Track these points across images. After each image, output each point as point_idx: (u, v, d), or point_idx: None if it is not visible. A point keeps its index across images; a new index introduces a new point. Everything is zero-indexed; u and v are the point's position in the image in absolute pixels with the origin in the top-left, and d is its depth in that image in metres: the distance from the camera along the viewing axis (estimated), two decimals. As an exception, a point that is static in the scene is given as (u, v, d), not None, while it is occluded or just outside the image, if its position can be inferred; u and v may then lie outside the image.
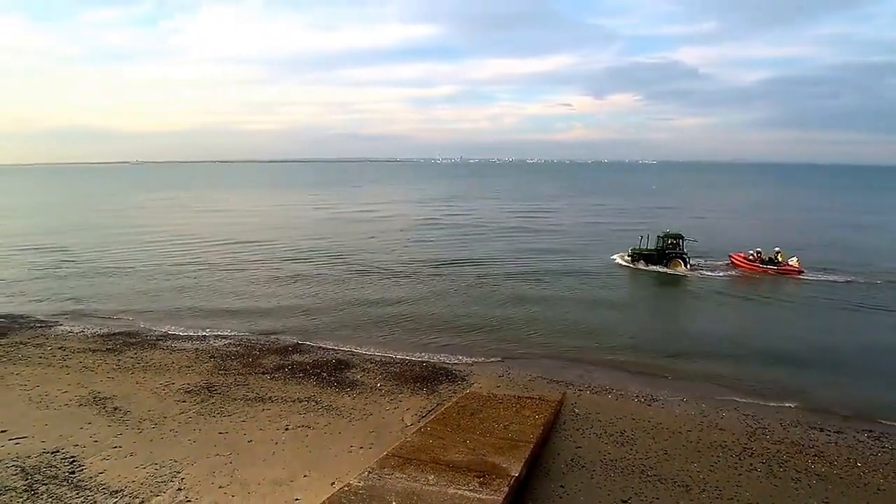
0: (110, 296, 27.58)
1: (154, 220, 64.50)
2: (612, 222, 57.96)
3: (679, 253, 33.58)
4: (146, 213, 74.03)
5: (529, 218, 62.09)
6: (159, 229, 54.00)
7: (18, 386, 14.87)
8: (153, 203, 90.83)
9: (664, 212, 67.36)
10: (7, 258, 39.04)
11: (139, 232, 52.19)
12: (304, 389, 15.16)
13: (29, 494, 9.52)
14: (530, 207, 75.15)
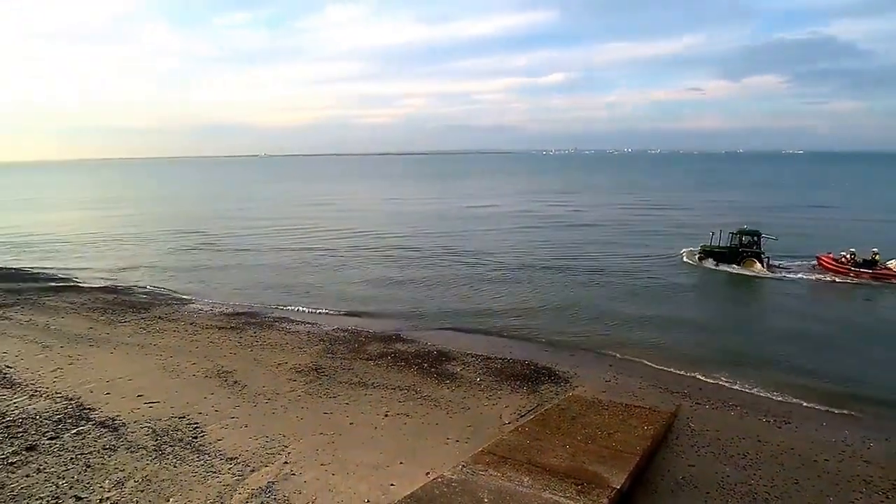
0: (237, 278, 30.63)
1: (279, 209, 70.49)
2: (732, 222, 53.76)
3: (755, 251, 30.86)
4: (273, 202, 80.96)
5: (636, 213, 59.34)
6: (283, 218, 59.02)
7: (155, 355, 16.92)
8: (279, 193, 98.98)
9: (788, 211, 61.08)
10: (154, 240, 45.10)
11: (266, 220, 57.64)
12: (404, 378, 15.75)
13: (157, 454, 10.83)
14: (634, 202, 71.66)
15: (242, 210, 69.92)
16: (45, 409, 12.70)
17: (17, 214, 68.92)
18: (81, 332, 19.12)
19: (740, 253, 31.46)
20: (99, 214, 66.53)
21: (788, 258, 32.65)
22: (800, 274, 29.90)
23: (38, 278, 29.88)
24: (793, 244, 35.27)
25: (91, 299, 24.40)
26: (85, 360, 16.29)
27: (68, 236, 47.05)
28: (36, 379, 14.62)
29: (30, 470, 10.07)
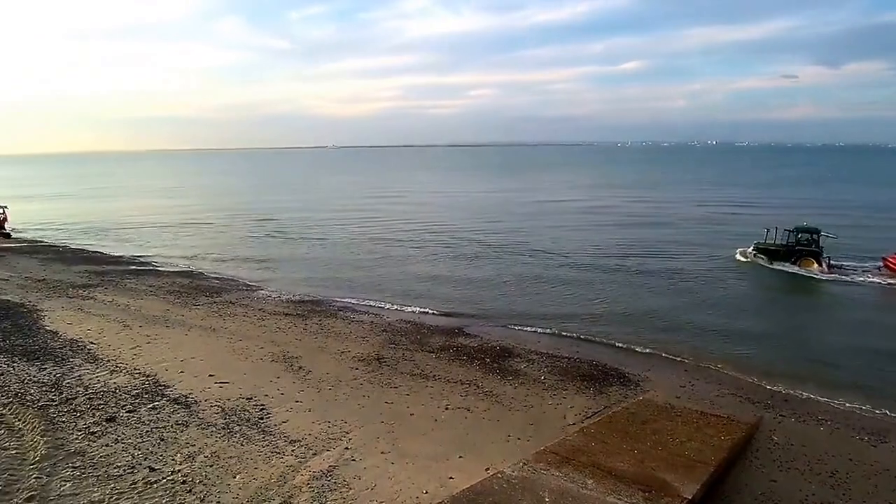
0: (304, 267, 31.82)
1: (347, 199, 72.63)
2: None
3: (813, 250, 29.17)
4: (341, 192, 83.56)
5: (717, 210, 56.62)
6: (351, 208, 60.80)
7: (225, 338, 17.74)
8: (348, 184, 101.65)
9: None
10: (227, 228, 47.60)
11: (334, 210, 59.89)
12: (466, 372, 15.79)
13: (226, 432, 11.36)
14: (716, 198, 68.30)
15: (312, 200, 72.58)
16: (125, 384, 13.59)
17: (97, 202, 74.44)
18: (158, 313, 20.32)
19: (797, 251, 29.94)
20: (175, 203, 70.65)
21: (856, 258, 30.85)
22: (865, 276, 28.10)
23: (119, 261, 32.09)
24: (862, 244, 33.63)
25: (168, 283, 25.90)
26: (161, 339, 17.30)
27: (147, 223, 50.35)
28: (117, 355, 15.66)
29: (109, 440, 10.80)
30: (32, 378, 13.75)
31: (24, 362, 14.84)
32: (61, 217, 53.86)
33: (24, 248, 35.20)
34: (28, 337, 16.95)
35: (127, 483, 9.35)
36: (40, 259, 31.10)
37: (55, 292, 22.87)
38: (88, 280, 25.58)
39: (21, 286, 23.72)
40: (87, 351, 15.90)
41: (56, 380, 13.69)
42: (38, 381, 13.53)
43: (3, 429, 11.05)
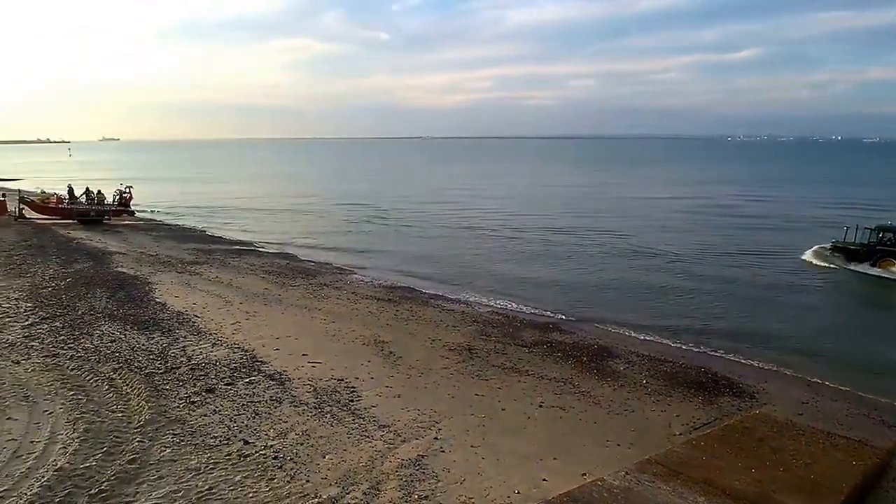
0: (398, 253, 32.21)
1: (443, 188, 73.22)
2: None
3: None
4: (437, 181, 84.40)
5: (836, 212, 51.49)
6: (447, 198, 60.98)
7: (319, 319, 18.14)
8: (444, 174, 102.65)
9: None
10: (326, 212, 49.46)
11: (430, 198, 60.48)
12: (561, 369, 15.17)
13: (317, 412, 11.49)
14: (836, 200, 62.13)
15: (407, 189, 73.83)
16: (224, 358, 14.15)
17: (207, 185, 79.55)
18: (258, 291, 21.17)
19: (877, 251, 27.17)
20: (276, 188, 74.26)
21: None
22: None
23: (224, 241, 33.98)
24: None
25: (267, 263, 27.03)
26: (259, 317, 17.96)
27: (250, 206, 53.01)
28: (218, 329, 16.39)
29: (207, 410, 11.22)
30: (141, 346, 14.65)
31: (135, 331, 15.85)
32: (176, 198, 57.97)
33: (141, 226, 38.08)
34: (139, 307, 18.14)
35: (222, 454, 9.62)
36: (154, 236, 33.55)
37: (165, 267, 24.45)
38: (196, 257, 27.17)
39: (136, 260, 25.58)
40: (192, 324, 16.77)
41: (162, 349, 14.50)
42: (147, 350, 14.39)
43: (113, 393, 11.76)
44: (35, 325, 15.94)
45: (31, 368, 12.86)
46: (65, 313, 17.09)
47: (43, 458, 9.12)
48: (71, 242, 29.20)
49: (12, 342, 14.48)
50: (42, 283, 20.39)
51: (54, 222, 36.06)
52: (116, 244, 29.70)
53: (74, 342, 14.69)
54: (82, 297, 18.86)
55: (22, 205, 36.57)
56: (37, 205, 37.43)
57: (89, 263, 24.12)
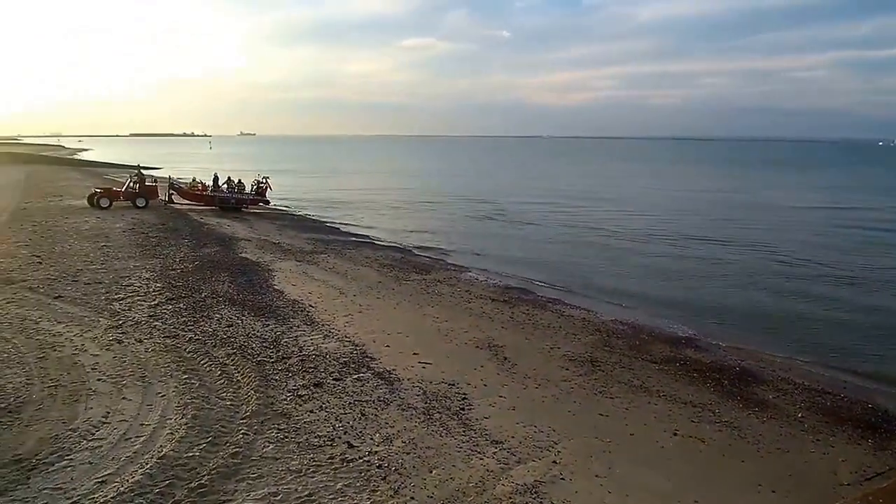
0: (516, 251, 31.17)
1: (565, 186, 71.10)
2: None
3: None
4: (559, 180, 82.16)
5: None
6: (569, 196, 58.85)
7: (432, 317, 17.48)
8: (566, 172, 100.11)
9: None
10: (443, 208, 49.49)
11: (551, 196, 58.39)
12: (697, 393, 13.40)
13: (425, 417, 10.72)
14: None
15: (529, 187, 71.99)
16: (334, 351, 13.83)
17: (331, 178, 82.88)
18: (372, 284, 20.99)
19: None
20: (396, 183, 75.89)
21: None
22: None
23: (342, 233, 34.75)
24: None
25: (383, 256, 27.04)
26: (372, 310, 17.64)
27: (371, 200, 54.37)
28: (331, 321, 16.21)
29: (314, 406, 10.81)
30: (256, 333, 14.71)
31: (252, 317, 16.04)
32: (300, 189, 60.69)
33: (267, 215, 40.00)
34: (258, 294, 18.47)
35: (325, 456, 9.08)
36: (278, 225, 34.97)
37: (286, 255, 25.08)
38: (314, 247, 27.76)
39: (259, 247, 26.51)
40: (306, 313, 16.74)
41: (276, 337, 14.46)
42: (261, 337, 14.41)
43: (224, 379, 11.72)
44: (161, 305, 16.62)
45: (152, 348, 13.23)
46: (189, 295, 17.74)
47: (150, 442, 9.05)
48: (203, 227, 30.98)
49: (138, 321, 15.10)
50: (172, 265, 21.50)
51: (197, 208, 39.06)
52: (243, 231, 31.13)
53: (194, 324, 15.07)
54: (207, 281, 19.58)
55: (171, 191, 39.72)
56: (185, 191, 40.58)
57: (217, 248, 25.29)
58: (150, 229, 29.02)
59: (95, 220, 31.11)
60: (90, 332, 14.18)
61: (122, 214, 33.61)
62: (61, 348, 13.03)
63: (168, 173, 60.39)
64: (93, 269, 20.34)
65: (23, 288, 17.78)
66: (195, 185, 41.59)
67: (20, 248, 23.51)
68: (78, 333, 14.00)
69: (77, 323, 14.77)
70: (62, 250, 23.27)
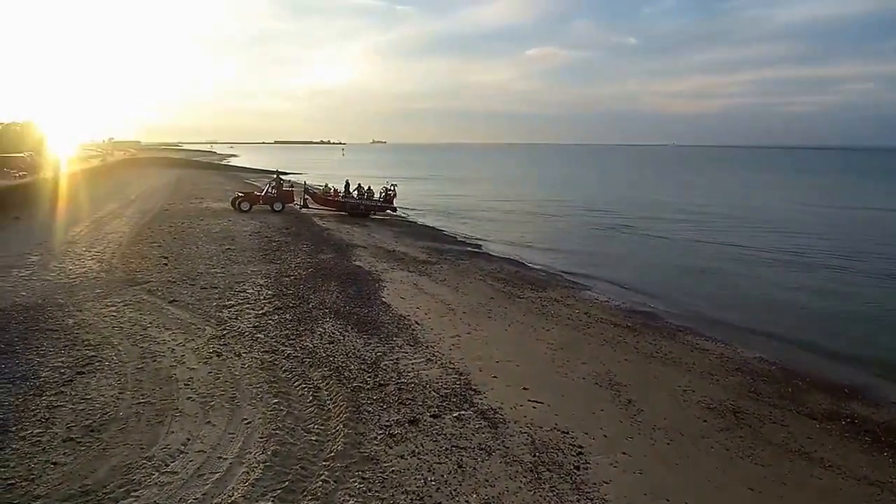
0: (640, 268, 28.22)
1: (697, 198, 64.65)
2: None
3: None
4: (690, 191, 75.27)
5: None
6: (700, 209, 53.18)
7: (546, 343, 15.48)
8: (697, 183, 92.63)
9: None
10: (562, 218, 46.91)
11: (681, 209, 53.13)
12: (873, 465, 10.44)
13: (533, 477, 8.87)
14: None
15: (657, 198, 65.89)
16: (436, 379, 12.33)
17: (450, 185, 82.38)
18: (483, 300, 19.33)
19: None
20: (515, 191, 74.00)
21: None
22: None
23: (457, 241, 33.48)
24: None
25: (496, 269, 25.31)
26: (480, 331, 15.98)
27: (488, 208, 52.91)
28: (436, 342, 14.77)
29: (406, 450, 9.33)
30: (357, 352, 13.60)
31: (355, 332, 15.01)
32: (423, 196, 60.16)
33: (387, 221, 39.87)
34: (365, 306, 17.49)
35: (411, 522, 7.57)
36: (395, 232, 34.46)
37: (399, 264, 24.16)
38: (428, 256, 26.68)
39: (374, 255, 25.86)
40: (411, 332, 15.43)
41: (376, 358, 13.25)
42: (360, 357, 13.26)
43: (315, 407, 10.60)
44: (267, 314, 16.09)
45: (248, 364, 12.49)
46: (297, 305, 17.13)
47: (222, 483, 8.00)
48: (323, 233, 31.10)
49: (241, 331, 14.57)
50: (287, 271, 21.23)
51: (328, 212, 40.19)
52: (361, 237, 30.86)
53: (296, 338, 14.27)
54: (317, 290, 18.98)
55: (306, 196, 41.13)
56: (318, 196, 41.93)
57: (332, 255, 24.93)
58: (275, 233, 29.49)
59: (226, 223, 32.29)
60: (193, 341, 13.81)
61: (254, 218, 34.78)
62: (161, 359, 12.67)
63: (303, 179, 62.93)
64: (212, 273, 20.53)
65: (144, 290, 18.13)
66: (327, 191, 42.74)
67: (153, 249, 24.54)
68: (181, 343, 13.67)
69: (183, 331, 14.52)
70: (189, 252, 23.96)
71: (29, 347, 13.29)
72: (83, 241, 26.11)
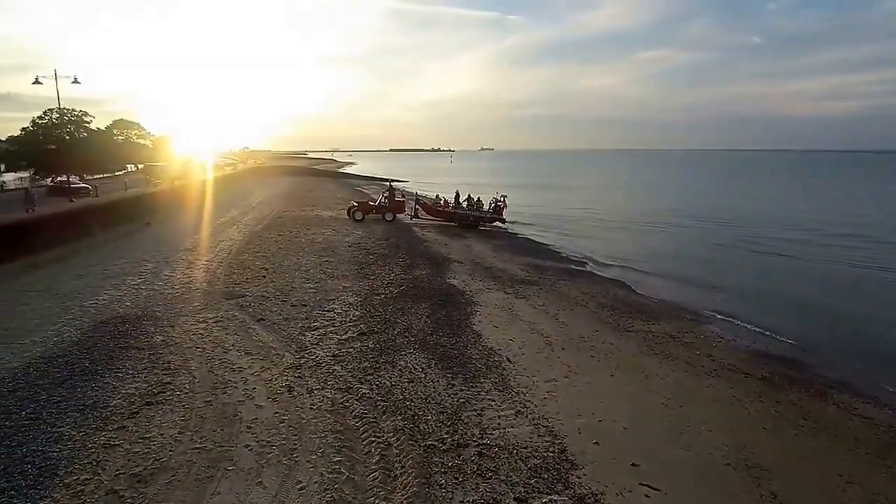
0: (776, 299, 23.16)
1: (834, 212, 53.93)
2: None
3: None
4: (830, 204, 63.32)
5: None
6: (848, 226, 44.01)
7: (661, 397, 12.55)
8: (840, 194, 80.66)
9: None
10: (683, 232, 41.47)
11: (820, 225, 44.46)
12: None
13: None
14: None
15: (785, 209, 56.67)
16: (525, 442, 10.03)
17: (555, 193, 77.95)
18: (585, 333, 16.60)
19: None
20: (625, 200, 68.11)
21: None
22: None
23: (558, 257, 30.35)
24: None
25: (601, 292, 22.22)
26: (581, 375, 13.40)
27: (596, 219, 48.64)
28: (528, 387, 12.45)
29: (480, 553, 7.20)
30: (437, 396, 11.62)
31: (439, 369, 13.06)
32: (527, 205, 54.52)
33: (488, 233, 37.56)
34: (454, 335, 15.48)
35: None
36: (494, 245, 32.13)
37: (495, 283, 21.96)
38: (527, 275, 24.23)
39: (470, 272, 23.85)
40: (501, 371, 13.20)
41: (457, 407, 11.19)
42: (440, 404, 11.25)
43: (379, 472, 8.73)
44: (350, 340, 14.58)
45: (318, 405, 10.91)
46: (382, 330, 15.49)
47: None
48: (421, 245, 29.57)
49: (319, 361, 13.11)
50: (378, 289, 19.79)
51: (434, 222, 39.30)
52: (459, 251, 29.00)
53: (374, 373, 12.58)
54: (405, 312, 17.28)
55: (417, 206, 40.27)
56: (428, 206, 40.99)
57: (427, 271, 23.21)
58: (374, 245, 28.42)
59: (330, 233, 31.78)
60: (269, 370, 12.53)
61: (357, 227, 34.23)
62: (232, 390, 11.45)
63: (406, 186, 62.36)
64: (305, 289, 19.52)
65: (237, 305, 17.38)
66: (438, 202, 41.70)
67: (257, 259, 24.18)
68: (256, 372, 12.43)
69: (262, 357, 13.32)
70: (289, 264, 23.29)
71: (111, 368, 12.67)
72: (198, 249, 26.43)
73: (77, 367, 12.70)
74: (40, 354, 13.51)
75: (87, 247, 26.95)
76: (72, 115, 68.62)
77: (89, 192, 41.04)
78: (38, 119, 64.69)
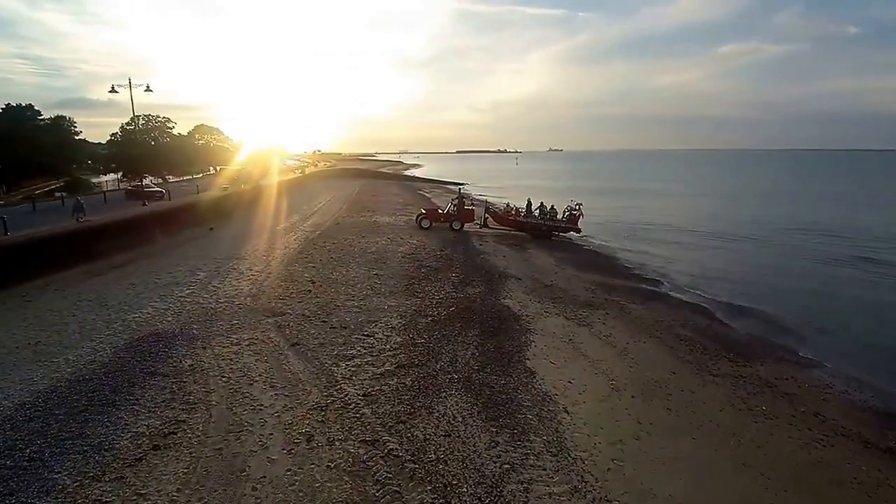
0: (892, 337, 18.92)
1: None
2: None
3: None
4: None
5: None
6: None
7: (758, 473, 9.92)
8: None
9: None
10: (778, 246, 36.11)
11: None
12: None
13: None
14: None
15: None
16: (582, 534, 7.92)
17: (625, 198, 70.19)
18: (660, 376, 14.00)
19: None
20: (705, 205, 61.20)
21: None
22: None
23: (629, 275, 27.02)
24: None
25: (679, 320, 19.29)
26: (655, 436, 10.97)
27: (670, 226, 43.96)
28: (589, 451, 10.21)
29: None
30: (477, 459, 9.63)
31: (482, 419, 11.07)
32: (596, 212, 47.79)
33: (551, 244, 34.49)
34: (504, 373, 13.40)
35: None
36: (557, 258, 29.43)
37: (555, 306, 19.62)
38: (593, 296, 21.66)
39: (528, 291, 21.58)
40: (556, 426, 11.02)
41: (499, 477, 9.16)
42: (479, 471, 9.25)
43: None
44: (386, 375, 12.84)
45: (337, 462, 9.27)
46: (423, 363, 13.66)
47: None
48: (477, 257, 27.43)
49: (348, 401, 11.46)
50: (426, 310, 17.97)
51: (502, 231, 37.49)
52: (517, 265, 26.69)
53: (407, 421, 10.78)
54: (452, 340, 15.35)
55: (486, 214, 38.42)
56: (498, 215, 38.96)
57: (481, 289, 21.14)
58: (427, 257, 26.66)
59: (385, 241, 30.39)
60: (291, 410, 11.05)
61: (414, 236, 32.67)
62: (246, 437, 10.06)
63: (480, 194, 59.39)
64: (348, 307, 18.02)
65: (275, 325, 16.12)
66: (509, 211, 39.51)
67: (306, 270, 23.05)
68: (277, 412, 10.97)
69: (287, 392, 11.84)
70: (337, 277, 21.98)
71: (130, 399, 11.65)
72: (251, 258, 25.70)
73: (97, 396, 11.76)
74: (68, 377, 12.76)
75: (147, 253, 26.79)
76: (156, 122, 71.46)
77: (163, 197, 41.84)
78: (126, 125, 67.60)
